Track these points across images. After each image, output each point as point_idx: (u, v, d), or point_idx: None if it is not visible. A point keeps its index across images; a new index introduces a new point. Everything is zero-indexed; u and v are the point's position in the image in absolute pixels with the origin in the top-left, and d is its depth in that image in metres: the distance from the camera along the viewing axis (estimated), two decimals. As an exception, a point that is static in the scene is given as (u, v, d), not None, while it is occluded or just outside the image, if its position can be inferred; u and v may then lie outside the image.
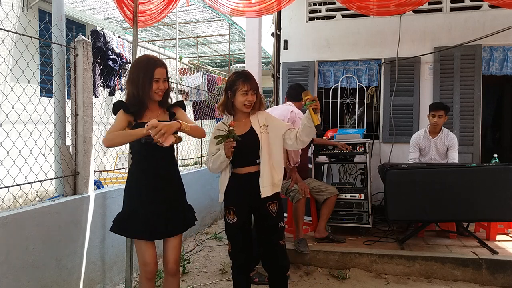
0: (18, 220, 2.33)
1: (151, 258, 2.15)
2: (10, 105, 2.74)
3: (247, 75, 2.39)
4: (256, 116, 2.42)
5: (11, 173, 2.61)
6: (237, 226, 2.38)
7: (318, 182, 4.01)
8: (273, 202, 2.37)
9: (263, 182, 2.31)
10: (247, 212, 2.40)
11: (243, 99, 2.32)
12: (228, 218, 2.40)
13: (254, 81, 2.38)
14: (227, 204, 2.41)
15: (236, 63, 13.20)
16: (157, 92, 2.14)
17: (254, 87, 2.35)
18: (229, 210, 2.39)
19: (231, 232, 2.42)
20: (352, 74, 5.28)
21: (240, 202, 2.37)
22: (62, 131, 3.00)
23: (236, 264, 2.46)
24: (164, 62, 2.24)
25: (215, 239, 4.66)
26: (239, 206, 2.37)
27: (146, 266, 2.16)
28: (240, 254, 2.42)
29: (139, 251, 2.16)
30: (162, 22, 8.23)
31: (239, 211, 2.37)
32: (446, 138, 4.19)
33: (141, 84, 2.10)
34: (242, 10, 3.63)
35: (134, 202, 2.16)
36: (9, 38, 3.17)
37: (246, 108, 2.35)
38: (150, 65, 2.13)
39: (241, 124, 2.38)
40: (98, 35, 3.70)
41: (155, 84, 2.12)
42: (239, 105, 2.35)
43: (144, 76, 2.10)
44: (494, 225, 3.88)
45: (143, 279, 2.20)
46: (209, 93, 7.20)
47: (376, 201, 4.69)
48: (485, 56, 4.88)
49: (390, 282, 3.33)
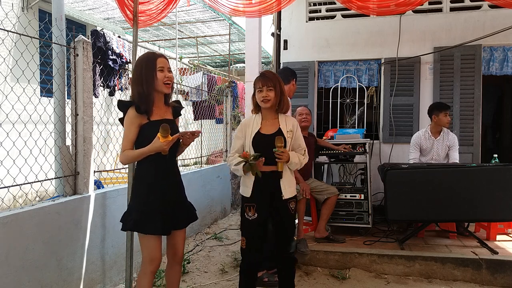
0: (18, 220, 2.33)
1: (159, 253, 2.20)
2: (10, 105, 2.74)
3: (263, 73, 2.49)
4: (284, 119, 2.50)
5: (11, 173, 2.60)
6: (257, 223, 2.42)
7: (318, 182, 4.01)
8: (293, 200, 2.48)
9: (284, 184, 2.42)
10: (268, 209, 2.45)
11: (259, 96, 2.43)
12: (248, 214, 2.43)
13: (268, 78, 2.43)
14: (248, 201, 2.43)
15: (236, 63, 13.20)
16: (166, 83, 2.15)
17: (267, 83, 2.40)
18: (250, 206, 2.42)
19: (250, 229, 2.45)
20: (352, 74, 5.28)
21: (263, 200, 2.42)
22: (62, 131, 3.00)
23: (247, 261, 2.48)
24: (163, 54, 2.27)
25: (215, 239, 4.66)
26: (261, 203, 2.42)
27: (153, 261, 2.18)
28: (255, 251, 2.46)
29: (148, 248, 2.18)
30: (162, 22, 8.23)
31: (260, 208, 2.42)
32: (447, 138, 4.19)
33: (145, 77, 2.12)
34: (242, 10, 3.62)
35: (148, 200, 2.17)
36: (9, 38, 3.17)
37: (264, 103, 2.42)
38: (151, 57, 2.16)
39: (269, 124, 2.47)
40: (98, 35, 3.69)
41: (161, 73, 2.14)
42: (259, 102, 2.45)
43: (146, 68, 2.13)
44: (494, 225, 3.89)
45: (148, 274, 2.19)
46: (209, 93, 7.19)
47: (376, 201, 4.69)
48: (485, 56, 4.89)
49: (390, 282, 3.33)
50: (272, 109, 2.47)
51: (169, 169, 2.22)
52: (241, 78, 10.49)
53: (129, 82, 4.22)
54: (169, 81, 2.17)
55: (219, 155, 6.79)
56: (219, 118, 7.31)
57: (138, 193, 2.20)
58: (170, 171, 2.23)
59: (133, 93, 2.19)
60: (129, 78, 4.24)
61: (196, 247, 4.34)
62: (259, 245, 2.48)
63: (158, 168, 2.17)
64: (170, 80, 2.18)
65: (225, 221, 5.75)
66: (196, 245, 4.43)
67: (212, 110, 7.11)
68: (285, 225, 2.48)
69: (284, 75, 3.49)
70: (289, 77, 3.50)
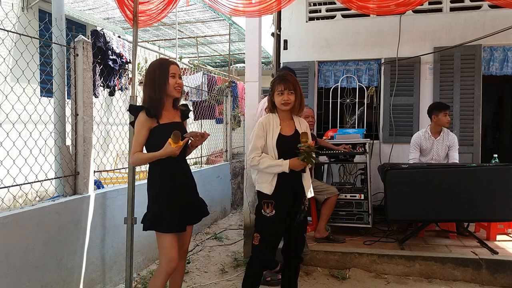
0: (18, 220, 2.33)
1: (177, 253, 2.23)
2: (10, 105, 2.74)
3: (283, 76, 2.52)
4: (299, 121, 2.58)
5: (11, 173, 2.60)
6: (274, 220, 2.43)
7: (318, 182, 4.01)
8: (308, 199, 2.59)
9: (306, 183, 2.53)
10: (288, 208, 2.48)
11: (279, 99, 2.47)
12: (265, 211, 2.44)
13: (290, 82, 2.47)
14: (268, 197, 2.44)
15: (236, 63, 13.19)
16: (176, 88, 2.28)
17: (289, 87, 2.45)
18: (268, 203, 2.43)
19: (267, 226, 2.46)
20: (352, 74, 5.28)
21: (286, 198, 2.45)
22: (62, 131, 3.00)
23: (260, 259, 2.49)
24: (175, 61, 2.37)
25: (215, 239, 4.66)
26: (283, 201, 2.45)
27: (171, 262, 2.20)
28: (270, 249, 2.49)
29: (165, 248, 2.21)
30: (162, 22, 8.23)
31: (280, 206, 2.44)
32: (447, 138, 4.19)
33: (158, 82, 2.23)
34: (242, 10, 3.62)
35: (157, 202, 2.25)
36: (9, 38, 3.17)
37: (284, 106, 2.47)
38: (164, 63, 2.29)
39: (286, 125, 2.53)
40: (98, 35, 3.69)
41: (173, 79, 2.25)
42: (278, 104, 2.50)
43: (160, 74, 2.24)
44: (494, 225, 3.89)
45: (163, 274, 2.21)
46: (209, 93, 7.19)
47: (376, 201, 4.69)
48: (485, 56, 4.89)
49: (390, 282, 3.33)
50: (289, 111, 2.53)
51: (176, 171, 2.30)
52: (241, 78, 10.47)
53: (129, 82, 4.22)
54: (180, 87, 2.30)
55: (219, 155, 6.79)
56: (219, 118, 7.31)
57: (150, 194, 2.30)
58: (177, 173, 2.30)
59: (144, 97, 2.29)
60: (129, 78, 4.24)
61: (196, 247, 4.34)
62: (274, 243, 2.50)
63: (166, 171, 2.26)
64: (180, 86, 2.30)
65: (225, 221, 5.75)
66: (196, 245, 4.43)
67: (212, 110, 7.11)
68: (303, 224, 2.55)
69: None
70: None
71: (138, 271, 3.53)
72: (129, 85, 4.23)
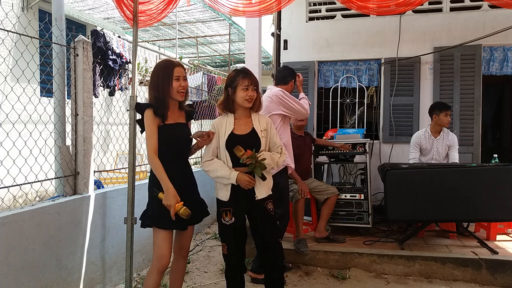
0: (18, 220, 2.33)
1: (168, 251, 2.24)
2: (10, 105, 2.74)
3: (247, 71, 2.42)
4: (257, 118, 2.43)
5: (11, 173, 2.60)
6: (235, 228, 2.36)
7: (318, 182, 4.01)
8: (269, 201, 2.40)
9: (257, 185, 2.34)
10: (244, 212, 2.40)
11: (244, 94, 2.33)
12: (225, 220, 2.36)
13: (254, 77, 2.40)
14: (225, 205, 2.37)
15: (236, 63, 13.19)
16: (180, 91, 2.27)
17: (254, 82, 2.37)
18: (226, 210, 2.36)
19: (228, 234, 2.39)
20: (352, 74, 5.28)
21: (239, 203, 2.35)
22: (62, 131, 2.99)
23: (231, 265, 2.44)
24: (181, 63, 2.37)
25: (215, 239, 4.66)
26: (237, 207, 2.36)
27: (162, 259, 2.22)
28: (235, 255, 2.41)
29: (157, 245, 2.23)
30: (162, 22, 8.23)
31: (236, 212, 2.35)
32: (447, 138, 4.19)
33: (161, 83, 2.23)
34: (242, 10, 3.61)
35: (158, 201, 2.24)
36: (9, 38, 3.17)
37: (247, 103, 2.35)
38: (169, 65, 2.28)
39: (242, 123, 2.39)
40: (98, 35, 3.69)
41: (176, 83, 2.25)
42: (241, 101, 2.35)
43: (163, 75, 2.23)
44: (494, 225, 3.89)
45: (155, 273, 2.23)
46: (209, 93, 7.19)
47: (376, 201, 4.69)
48: (485, 56, 4.88)
49: (390, 282, 3.33)
50: (247, 109, 2.41)
51: (178, 172, 2.29)
52: (241, 78, 10.46)
53: (129, 82, 4.23)
54: (183, 89, 2.29)
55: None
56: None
57: (151, 193, 2.31)
58: (179, 173, 2.29)
59: (150, 97, 2.30)
60: (129, 78, 4.24)
61: (196, 247, 4.33)
62: (239, 250, 2.42)
63: (168, 171, 2.23)
64: (184, 89, 2.30)
65: (225, 221, 5.74)
66: (196, 245, 4.43)
67: (212, 110, 7.11)
68: (263, 228, 2.39)
69: (282, 76, 3.43)
70: (287, 78, 3.41)
71: (138, 271, 3.53)
72: (129, 85, 4.23)
